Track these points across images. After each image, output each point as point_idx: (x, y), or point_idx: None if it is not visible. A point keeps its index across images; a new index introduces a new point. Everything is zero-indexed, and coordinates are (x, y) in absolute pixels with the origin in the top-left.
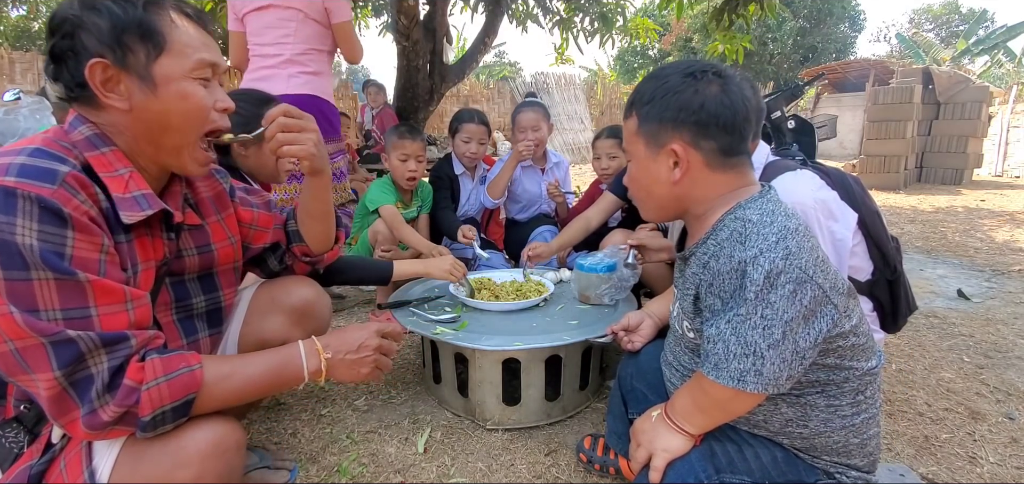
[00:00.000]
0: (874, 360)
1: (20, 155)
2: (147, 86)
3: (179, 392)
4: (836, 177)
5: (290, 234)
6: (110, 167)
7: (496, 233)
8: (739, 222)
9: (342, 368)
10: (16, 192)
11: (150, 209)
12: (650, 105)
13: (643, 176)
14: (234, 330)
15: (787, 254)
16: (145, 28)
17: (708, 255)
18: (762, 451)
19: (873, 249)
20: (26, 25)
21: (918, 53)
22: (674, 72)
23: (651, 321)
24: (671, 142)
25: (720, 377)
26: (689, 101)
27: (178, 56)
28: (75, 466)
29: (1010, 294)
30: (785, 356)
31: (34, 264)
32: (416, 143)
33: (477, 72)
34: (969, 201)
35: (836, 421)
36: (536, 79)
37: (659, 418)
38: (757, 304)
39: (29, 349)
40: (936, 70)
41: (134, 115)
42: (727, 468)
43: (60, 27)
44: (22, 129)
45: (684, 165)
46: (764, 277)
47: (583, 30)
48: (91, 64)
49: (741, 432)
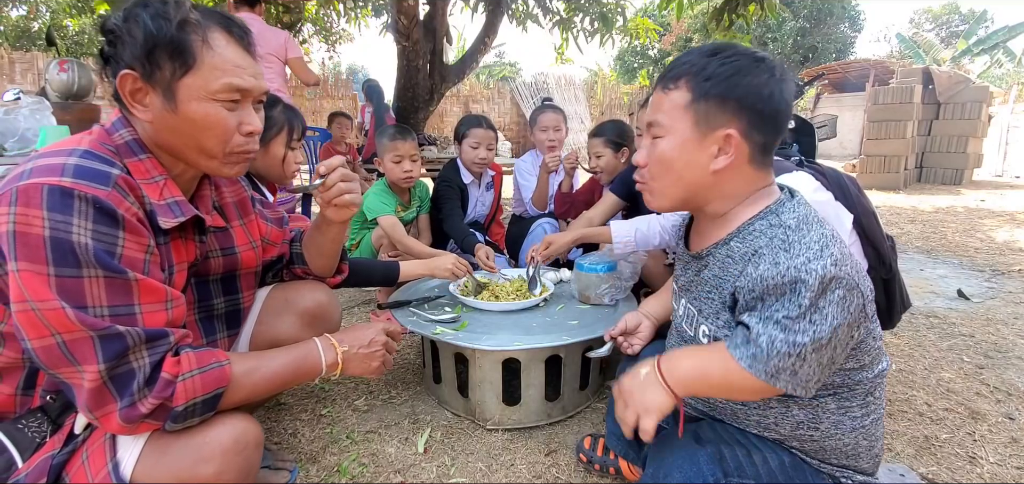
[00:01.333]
0: (883, 362)
1: (72, 156)
2: (169, 102)
3: (211, 385)
4: (832, 177)
5: (294, 255)
6: (147, 174)
7: (498, 233)
8: (775, 228)
9: (355, 362)
10: (73, 192)
11: (183, 216)
12: (712, 81)
13: (679, 156)
14: (247, 330)
15: (836, 261)
16: (175, 46)
17: (735, 257)
18: (770, 456)
19: (868, 248)
20: (26, 25)
21: (918, 53)
22: (741, 53)
23: (649, 322)
24: (727, 126)
25: (755, 369)
26: (759, 87)
27: (205, 77)
28: (98, 458)
29: (1010, 294)
30: (823, 361)
31: (86, 262)
32: (408, 143)
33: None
34: (969, 201)
35: (847, 423)
36: (536, 79)
37: (650, 375)
38: (810, 310)
39: (77, 342)
40: (936, 70)
41: (155, 126)
42: (735, 472)
43: (107, 33)
44: (22, 129)
45: (732, 154)
46: (819, 283)
47: (583, 30)
48: (122, 75)
49: (750, 436)
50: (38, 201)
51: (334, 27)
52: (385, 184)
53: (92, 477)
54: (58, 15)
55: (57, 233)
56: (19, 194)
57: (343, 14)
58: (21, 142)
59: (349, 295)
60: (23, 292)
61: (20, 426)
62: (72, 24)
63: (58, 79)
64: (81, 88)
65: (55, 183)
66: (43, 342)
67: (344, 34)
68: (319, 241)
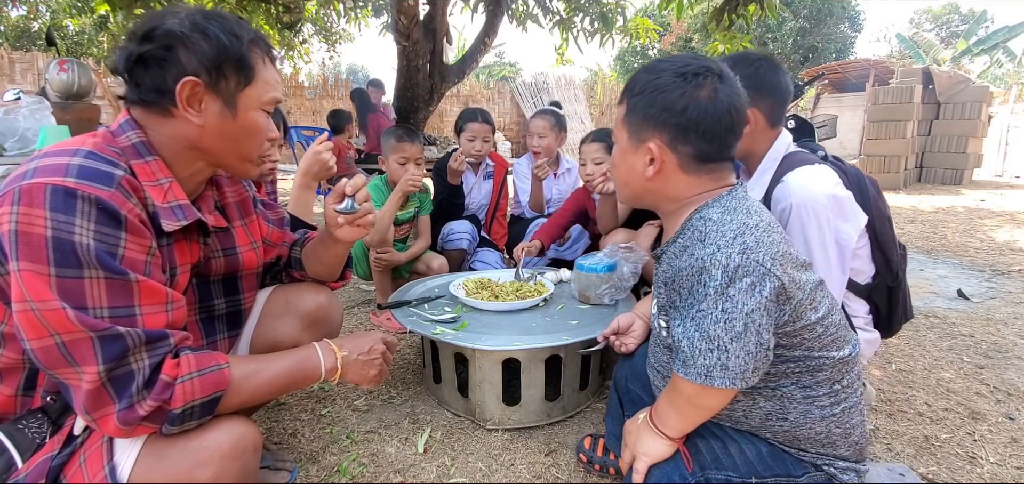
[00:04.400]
0: (847, 348)
1: (75, 156)
2: (229, 109)
3: (210, 388)
4: (853, 177)
5: (293, 259)
6: (152, 176)
7: (499, 232)
8: (702, 221)
9: (354, 368)
10: (76, 193)
11: (186, 219)
12: (638, 97)
13: (621, 164)
14: (247, 331)
15: (744, 249)
16: (242, 62)
17: (677, 253)
18: (747, 446)
19: (877, 253)
20: (26, 25)
21: (918, 53)
22: (669, 68)
23: (641, 322)
24: (649, 139)
25: (689, 374)
26: (673, 103)
27: (259, 90)
28: (95, 461)
29: (1010, 294)
30: (749, 349)
31: (88, 262)
32: (416, 146)
33: (477, 72)
34: (969, 201)
35: (815, 412)
36: (536, 79)
37: (644, 422)
38: (717, 299)
39: (77, 343)
40: (936, 70)
41: (205, 130)
42: (712, 464)
43: (160, 38)
44: (22, 129)
45: (658, 164)
46: (722, 272)
47: (583, 30)
48: (185, 80)
49: (725, 428)
50: (41, 201)
51: (334, 27)
52: (384, 181)
53: (89, 479)
54: (58, 15)
55: (59, 233)
56: (22, 194)
57: (343, 14)
58: (21, 142)
59: (348, 295)
60: (24, 292)
61: (20, 427)
62: (72, 24)
63: (58, 79)
64: (81, 88)
65: (58, 183)
66: (42, 343)
67: (344, 34)
68: (322, 254)
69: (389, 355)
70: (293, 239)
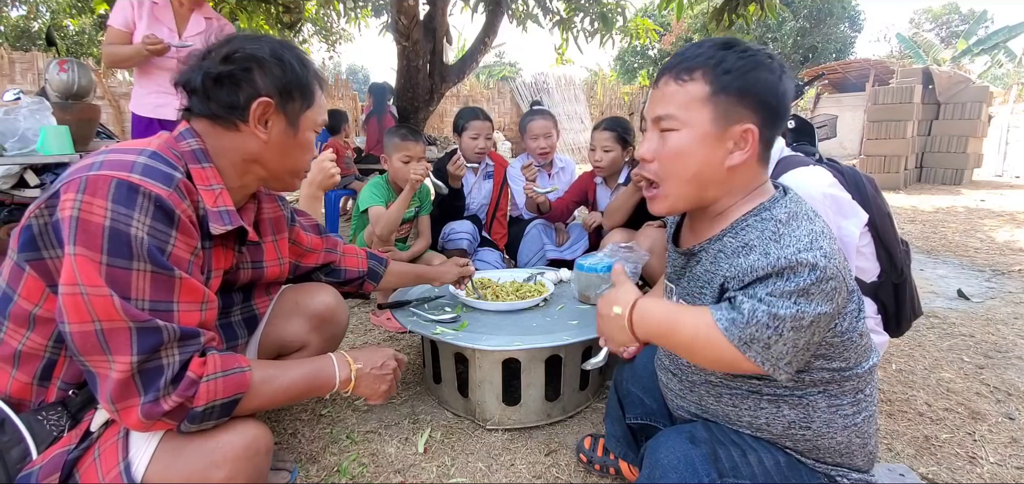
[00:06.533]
0: (872, 358)
1: (141, 155)
2: (292, 128)
3: (231, 389)
4: (850, 176)
5: (371, 272)
6: (206, 181)
7: (499, 232)
8: (770, 222)
9: (367, 382)
10: (139, 189)
11: (231, 224)
12: (731, 74)
13: (694, 152)
14: (256, 330)
15: (826, 255)
16: (306, 88)
17: (727, 251)
18: (765, 456)
19: (881, 251)
20: (26, 25)
21: (918, 53)
22: (754, 47)
23: None
24: (745, 121)
25: (731, 333)
26: (775, 83)
27: (315, 113)
28: (110, 457)
29: (1010, 294)
30: (799, 344)
31: (138, 255)
32: (419, 145)
33: (477, 72)
34: (969, 201)
35: (838, 421)
36: (536, 79)
37: (620, 316)
38: (797, 294)
39: (116, 331)
40: (936, 70)
41: (268, 145)
42: (730, 472)
43: (241, 61)
44: (22, 129)
45: (750, 151)
46: (809, 271)
47: (583, 30)
48: (261, 100)
49: (744, 437)
50: (105, 192)
51: (334, 27)
52: (385, 180)
53: (103, 476)
54: (58, 15)
55: (117, 224)
56: (88, 183)
57: (343, 14)
58: (21, 142)
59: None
60: (76, 275)
61: (40, 417)
62: (72, 24)
63: (58, 79)
64: (81, 88)
65: (124, 178)
66: (83, 327)
67: (344, 34)
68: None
69: (399, 372)
70: (335, 243)
